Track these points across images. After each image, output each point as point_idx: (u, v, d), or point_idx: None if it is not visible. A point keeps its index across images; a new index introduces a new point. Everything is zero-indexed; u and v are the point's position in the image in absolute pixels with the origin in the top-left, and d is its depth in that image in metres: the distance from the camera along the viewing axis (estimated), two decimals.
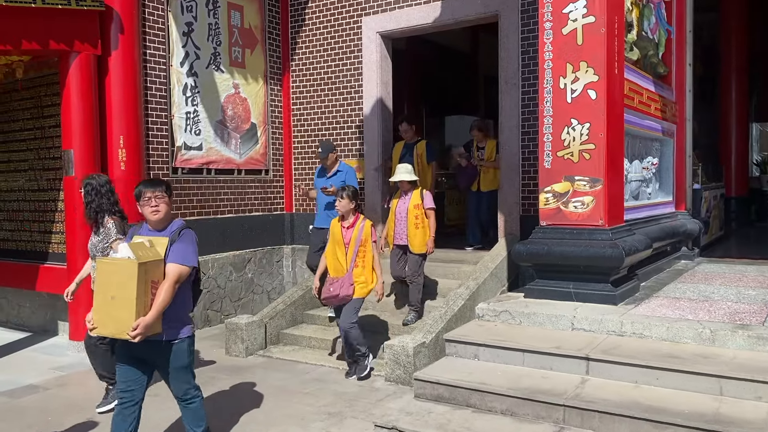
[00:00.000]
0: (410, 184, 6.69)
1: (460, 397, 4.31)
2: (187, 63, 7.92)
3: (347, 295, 5.61)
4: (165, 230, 3.67)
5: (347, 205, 5.67)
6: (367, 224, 5.70)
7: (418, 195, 6.64)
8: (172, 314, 3.53)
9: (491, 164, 8.17)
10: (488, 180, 8.23)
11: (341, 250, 5.69)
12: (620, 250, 5.12)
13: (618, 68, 5.55)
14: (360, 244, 5.62)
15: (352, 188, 5.75)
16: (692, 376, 4.00)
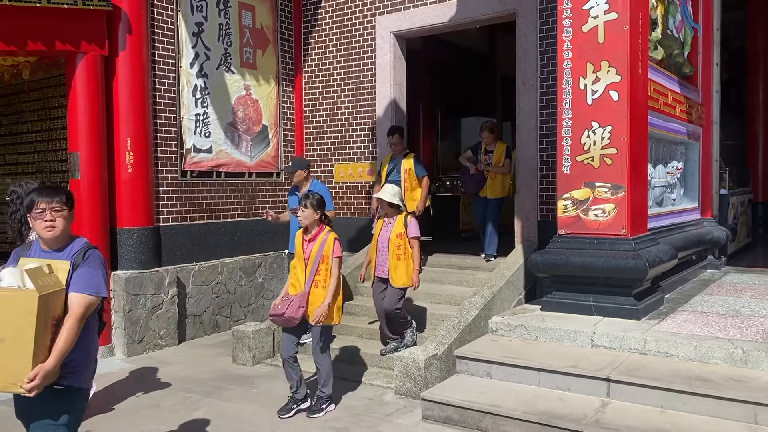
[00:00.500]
0: (394, 209, 6.02)
1: (470, 419, 4.05)
2: (197, 64, 7.76)
3: (293, 317, 4.84)
4: (63, 251, 2.93)
5: (311, 215, 4.92)
6: (331, 238, 4.93)
7: (401, 222, 5.98)
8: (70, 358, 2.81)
9: (499, 170, 7.56)
10: (496, 187, 7.60)
11: (300, 266, 5.01)
12: (644, 262, 4.83)
13: (642, 68, 5.26)
14: (320, 260, 4.87)
15: (317, 196, 5.00)
16: (723, 402, 3.71)
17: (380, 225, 6.14)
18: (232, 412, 5.12)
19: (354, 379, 5.88)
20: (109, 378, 6.09)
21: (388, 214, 6.03)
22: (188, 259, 7.59)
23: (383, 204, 5.96)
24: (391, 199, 5.91)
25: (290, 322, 4.87)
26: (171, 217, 7.50)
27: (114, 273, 6.89)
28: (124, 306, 6.79)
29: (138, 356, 6.81)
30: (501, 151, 7.63)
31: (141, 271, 6.97)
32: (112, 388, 5.76)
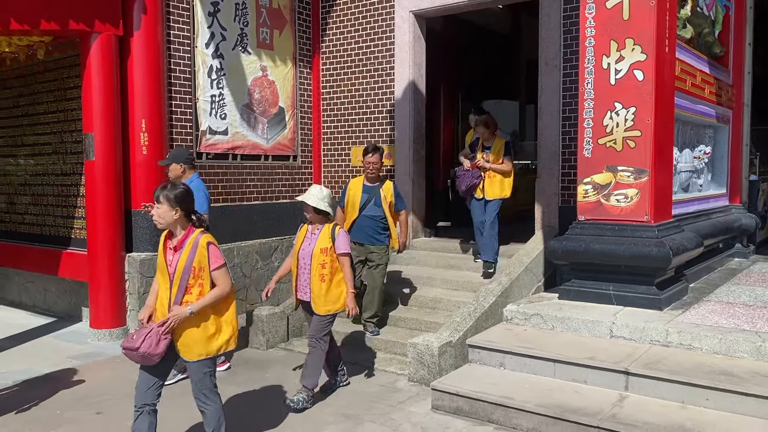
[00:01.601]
0: (320, 216, 4.94)
1: (481, 411, 3.93)
2: (213, 44, 7.65)
3: (151, 354, 3.51)
4: None
5: (166, 213, 3.54)
6: (204, 241, 3.57)
7: (327, 234, 4.88)
8: None
9: (498, 168, 6.86)
10: (494, 187, 6.86)
11: (165, 282, 3.64)
12: (667, 249, 4.64)
13: (669, 46, 5.02)
14: (191, 274, 3.53)
15: (179, 189, 3.61)
16: (749, 399, 3.53)
17: (303, 234, 5.05)
18: (243, 397, 5.09)
19: (366, 365, 5.81)
20: (122, 360, 6.08)
21: (312, 221, 4.98)
22: None
23: (307, 208, 4.90)
24: (317, 203, 4.86)
25: (149, 360, 3.56)
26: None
27: (128, 255, 6.87)
28: (138, 288, 6.77)
29: None
30: (499, 147, 6.94)
31: (156, 254, 6.92)
32: (125, 371, 5.75)
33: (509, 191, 6.89)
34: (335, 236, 4.89)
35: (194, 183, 5.61)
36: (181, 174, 5.71)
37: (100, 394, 5.17)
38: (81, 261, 7.09)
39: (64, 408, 4.88)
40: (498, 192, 6.85)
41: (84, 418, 4.68)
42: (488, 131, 6.95)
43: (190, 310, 3.51)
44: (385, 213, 6.16)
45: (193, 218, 3.63)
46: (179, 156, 5.78)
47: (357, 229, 6.18)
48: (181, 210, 3.56)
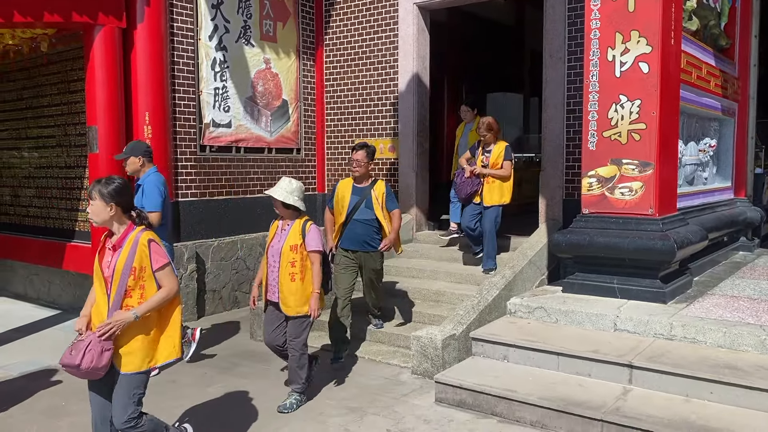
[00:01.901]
0: (290, 211, 4.66)
1: (485, 404, 3.92)
2: (216, 36, 7.63)
3: (95, 368, 3.15)
4: None
5: (101, 209, 3.21)
6: (144, 239, 3.23)
7: (298, 230, 4.60)
8: None
9: (498, 173, 6.59)
10: (493, 193, 6.59)
11: (101, 287, 3.27)
12: (672, 243, 4.62)
13: (674, 39, 4.98)
14: (131, 275, 3.20)
15: (114, 183, 3.24)
16: (754, 392, 3.51)
17: (273, 230, 4.79)
18: (247, 388, 5.09)
19: (370, 358, 5.81)
20: None
21: (283, 217, 4.71)
22: (207, 234, 7.56)
23: (276, 203, 4.64)
24: (284, 197, 4.56)
25: (93, 374, 3.21)
26: (190, 193, 7.45)
27: None
28: None
29: None
30: (500, 151, 6.65)
31: None
32: None
33: (509, 197, 6.66)
34: (306, 232, 4.58)
35: (150, 177, 5.43)
36: (139, 168, 5.48)
37: None
38: (85, 253, 7.09)
39: (69, 400, 4.89)
40: (497, 198, 6.60)
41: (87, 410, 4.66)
42: (492, 134, 6.68)
43: (134, 313, 3.16)
44: (377, 216, 5.64)
45: (132, 214, 3.29)
46: (137, 149, 5.52)
47: (348, 235, 5.63)
48: (116, 206, 3.21)
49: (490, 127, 6.67)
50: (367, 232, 5.65)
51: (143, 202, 5.26)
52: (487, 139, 6.69)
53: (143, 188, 5.37)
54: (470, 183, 6.63)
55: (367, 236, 5.67)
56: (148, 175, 5.45)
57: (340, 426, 4.34)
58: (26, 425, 4.42)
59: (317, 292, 4.58)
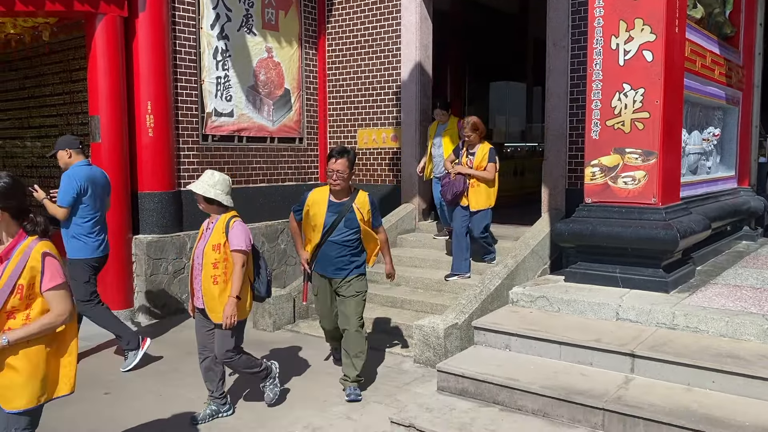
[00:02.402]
0: (213, 206, 4.18)
1: (486, 392, 3.93)
2: (218, 25, 7.61)
3: None
4: None
5: None
6: (38, 251, 2.72)
7: (222, 227, 4.12)
8: None
9: (482, 175, 6.32)
10: (479, 197, 6.36)
11: None
12: (675, 232, 4.60)
13: (679, 27, 4.95)
14: (13, 292, 2.68)
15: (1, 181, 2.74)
16: (755, 381, 3.50)
17: (201, 229, 4.33)
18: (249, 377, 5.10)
19: (373, 347, 5.82)
20: None
21: (210, 213, 4.24)
22: None
23: (198, 198, 4.19)
24: (205, 191, 4.10)
25: None
26: (192, 182, 7.43)
27: (135, 237, 6.89)
28: (145, 270, 6.80)
29: (160, 320, 6.85)
30: (484, 152, 6.36)
31: (162, 236, 6.96)
32: None
33: (494, 199, 6.45)
34: (229, 229, 4.09)
35: (70, 170, 5.22)
36: (68, 161, 5.29)
37: (108, 374, 5.21)
38: None
39: None
40: (483, 202, 6.38)
41: (93, 398, 4.72)
42: (476, 135, 6.40)
43: (5, 339, 2.62)
44: (360, 236, 4.72)
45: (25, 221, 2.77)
46: (62, 142, 5.33)
47: (322, 259, 4.69)
48: (2, 211, 2.70)
49: (475, 127, 6.40)
50: (344, 254, 4.67)
51: None
52: (472, 140, 6.41)
53: (63, 181, 5.18)
54: (456, 184, 6.38)
55: (345, 260, 4.68)
56: (73, 167, 5.24)
57: (342, 414, 4.37)
58: None
59: (233, 298, 4.05)
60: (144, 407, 4.53)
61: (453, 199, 6.44)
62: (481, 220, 6.44)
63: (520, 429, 3.60)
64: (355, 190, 4.74)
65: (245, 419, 4.33)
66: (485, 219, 6.46)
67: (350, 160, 4.57)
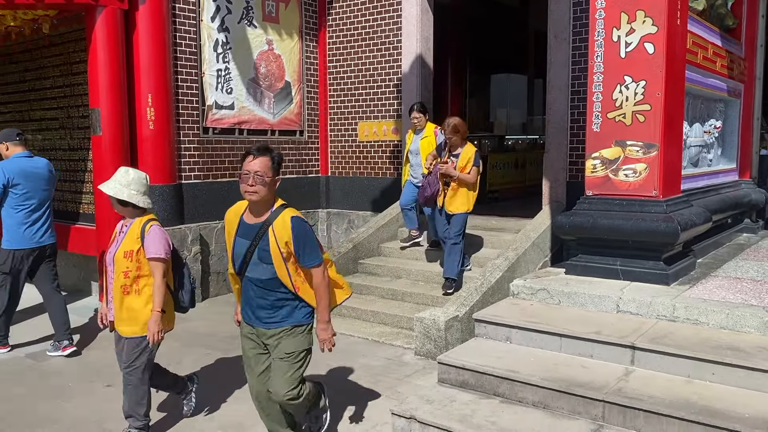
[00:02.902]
0: (128, 208, 3.68)
1: (487, 384, 3.94)
2: (218, 18, 7.59)
3: None
4: None
5: None
6: None
7: (136, 232, 3.64)
8: None
9: (465, 178, 6.07)
10: (458, 200, 6.13)
11: None
12: (675, 225, 4.60)
13: (680, 19, 4.93)
14: None
15: None
16: (756, 373, 3.51)
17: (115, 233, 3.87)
18: None
19: (373, 339, 5.85)
20: None
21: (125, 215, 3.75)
22: (211, 216, 7.57)
23: (112, 200, 3.68)
24: (117, 191, 3.61)
25: None
26: (193, 175, 7.45)
27: None
28: None
29: None
30: (469, 155, 6.13)
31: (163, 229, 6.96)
32: None
33: (472, 204, 6.22)
34: (145, 235, 3.62)
35: (1, 162, 5.32)
36: (6, 153, 5.38)
37: (110, 366, 5.19)
38: (89, 236, 7.13)
39: (75, 380, 4.94)
40: (462, 205, 6.14)
41: (95, 391, 4.74)
42: (458, 137, 6.15)
43: None
44: (278, 272, 3.27)
45: None
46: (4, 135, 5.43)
47: (243, 300, 3.45)
48: None
49: (456, 129, 6.13)
50: (264, 297, 3.33)
51: None
52: (454, 141, 6.18)
53: None
54: (433, 184, 6.20)
55: (264, 304, 3.35)
56: (12, 161, 5.35)
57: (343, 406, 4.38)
58: (32, 405, 4.47)
59: (157, 311, 3.63)
60: None
61: (430, 198, 6.25)
62: (457, 223, 6.16)
63: (521, 421, 3.60)
64: (283, 205, 3.31)
65: (246, 412, 4.34)
66: (461, 223, 6.18)
67: (274, 161, 3.26)
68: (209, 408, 4.38)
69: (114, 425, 4.11)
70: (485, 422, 3.58)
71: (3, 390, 4.75)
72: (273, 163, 3.25)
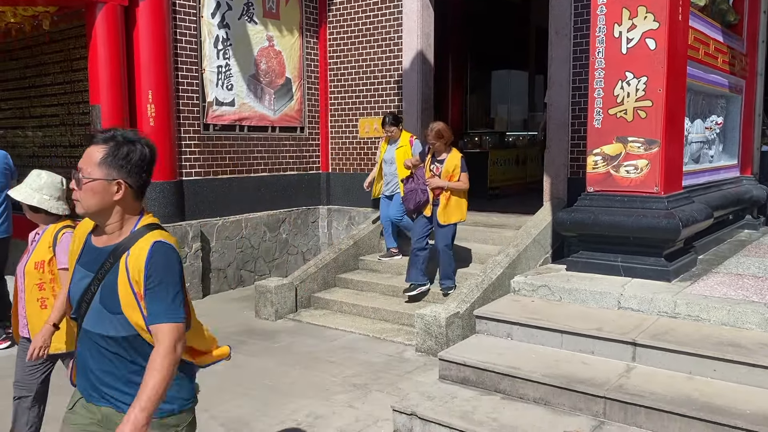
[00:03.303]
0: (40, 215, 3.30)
1: (488, 381, 3.94)
2: (219, 14, 7.57)
3: None
4: None
5: None
6: None
7: (48, 240, 3.27)
8: None
9: (456, 186, 5.90)
10: (449, 210, 5.96)
11: None
12: (677, 221, 4.59)
13: (682, 14, 4.92)
14: None
15: None
16: (757, 370, 3.51)
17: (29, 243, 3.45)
18: (252, 366, 5.13)
19: (374, 336, 5.85)
20: None
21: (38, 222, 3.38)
22: (212, 213, 7.57)
23: (24, 207, 3.30)
24: (27, 197, 3.26)
25: None
26: (194, 171, 7.45)
27: None
28: None
29: None
30: (455, 163, 5.92)
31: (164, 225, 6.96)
32: None
33: (465, 213, 6.05)
34: (57, 243, 3.23)
35: None
36: None
37: None
38: None
39: None
40: (456, 215, 5.99)
41: None
42: (441, 142, 5.91)
43: None
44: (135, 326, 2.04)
45: None
46: None
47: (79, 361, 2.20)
48: None
49: (439, 134, 5.89)
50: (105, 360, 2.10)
51: None
52: (437, 147, 5.95)
53: None
54: (419, 192, 5.96)
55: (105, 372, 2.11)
56: None
57: (344, 402, 4.39)
58: None
59: (50, 326, 3.08)
60: None
61: (416, 208, 6.03)
62: (447, 235, 6.01)
63: (522, 417, 3.61)
64: (150, 226, 2.14)
65: (247, 408, 4.35)
66: (452, 234, 6.05)
67: (113, 154, 2.03)
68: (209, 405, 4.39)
69: None
70: (486, 419, 3.58)
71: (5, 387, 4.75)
72: (109, 157, 2.03)
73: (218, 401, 4.43)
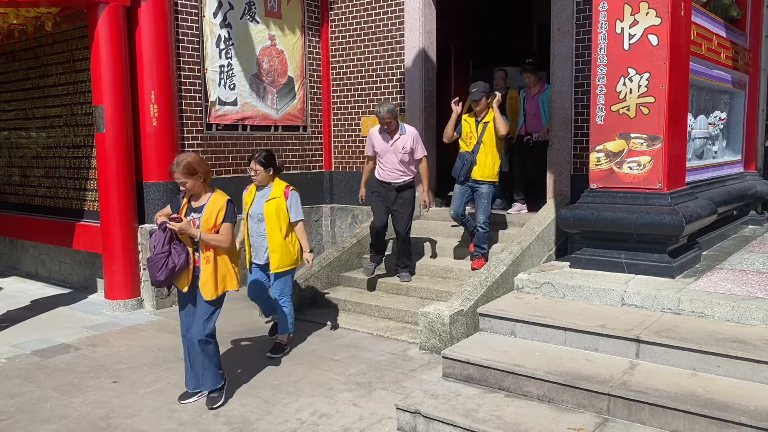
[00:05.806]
0: None
1: (492, 379, 3.94)
2: (221, 13, 7.57)
3: None
4: None
5: None
6: None
7: None
8: None
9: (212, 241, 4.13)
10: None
11: None
12: (680, 217, 4.59)
13: (684, 10, 4.90)
14: None
15: None
16: (761, 366, 3.50)
17: None
18: (255, 365, 5.13)
19: (378, 334, 5.85)
20: (138, 330, 6.18)
21: None
22: None
23: None
24: None
25: None
26: None
27: (141, 226, 6.92)
28: None
29: (166, 309, 6.88)
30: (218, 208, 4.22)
31: None
32: (140, 341, 5.83)
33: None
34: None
35: None
36: None
37: (116, 363, 5.25)
38: (94, 233, 7.15)
39: (81, 377, 4.95)
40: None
41: (101, 386, 4.76)
42: (194, 181, 4.17)
43: None
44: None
45: None
46: None
47: None
48: None
49: (190, 170, 4.11)
50: None
51: None
52: (190, 188, 4.20)
53: None
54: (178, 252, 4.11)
55: None
56: None
57: (348, 401, 4.39)
58: (40, 402, 4.49)
59: None
60: (152, 395, 4.56)
61: (166, 279, 4.07)
62: (285, 283, 5.20)
63: (526, 414, 3.60)
64: None
65: (251, 406, 4.35)
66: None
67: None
68: None
69: (120, 420, 4.14)
70: (490, 416, 3.58)
71: (11, 387, 4.78)
72: None
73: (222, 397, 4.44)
